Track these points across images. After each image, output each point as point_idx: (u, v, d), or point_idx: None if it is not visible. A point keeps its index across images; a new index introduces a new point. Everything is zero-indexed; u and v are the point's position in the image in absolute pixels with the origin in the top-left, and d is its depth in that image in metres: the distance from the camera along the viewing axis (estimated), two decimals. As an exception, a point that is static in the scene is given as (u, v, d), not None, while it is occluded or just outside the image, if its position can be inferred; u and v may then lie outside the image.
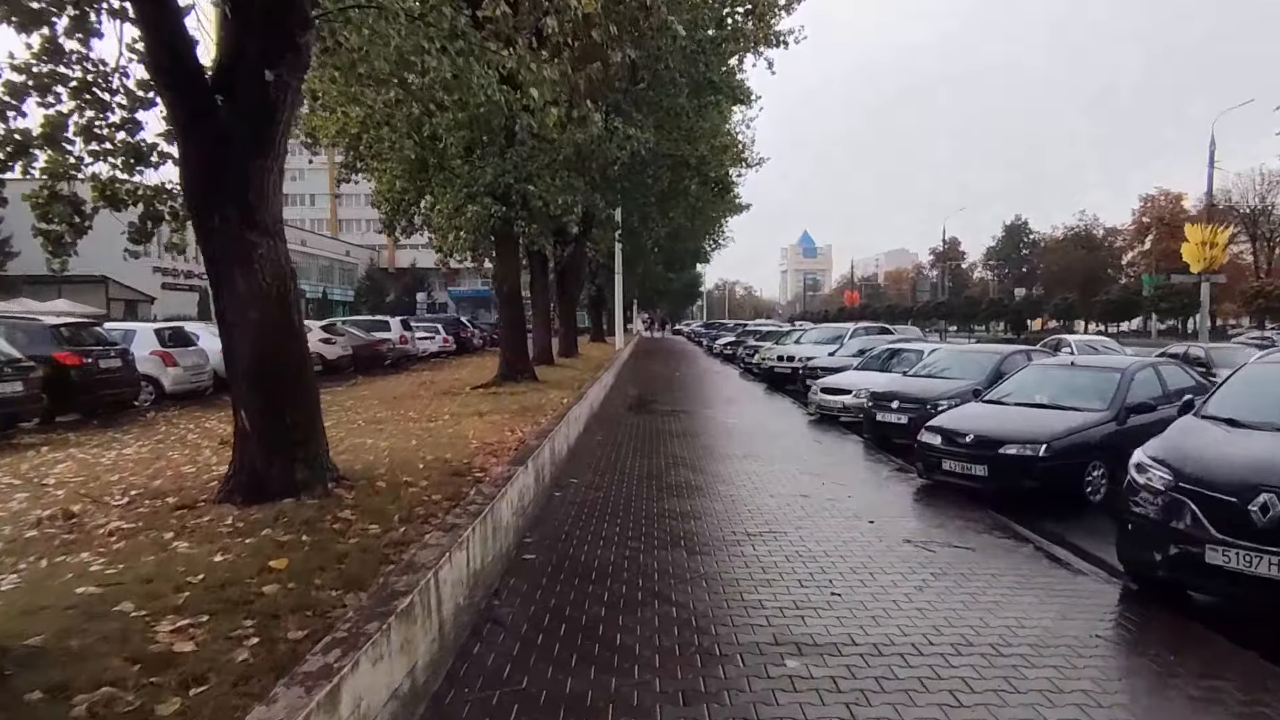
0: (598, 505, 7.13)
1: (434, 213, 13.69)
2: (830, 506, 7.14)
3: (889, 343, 17.83)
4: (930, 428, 8.15)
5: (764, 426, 12.93)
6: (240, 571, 3.89)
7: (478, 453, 7.44)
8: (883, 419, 10.92)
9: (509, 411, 10.70)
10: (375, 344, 23.00)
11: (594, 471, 8.76)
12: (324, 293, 75.89)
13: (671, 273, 53.70)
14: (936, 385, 11.03)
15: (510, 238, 14.65)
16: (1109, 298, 48.29)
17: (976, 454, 7.52)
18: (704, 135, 21.97)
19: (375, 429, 9.34)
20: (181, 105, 5.21)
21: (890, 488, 8.08)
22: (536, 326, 20.67)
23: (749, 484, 8.15)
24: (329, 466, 5.71)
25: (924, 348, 14.49)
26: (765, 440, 11.36)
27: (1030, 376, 8.98)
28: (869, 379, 13.55)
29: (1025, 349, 12.33)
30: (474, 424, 9.51)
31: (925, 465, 8.09)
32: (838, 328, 23.33)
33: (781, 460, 9.62)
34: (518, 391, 13.50)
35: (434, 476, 6.23)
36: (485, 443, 7.99)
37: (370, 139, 13.92)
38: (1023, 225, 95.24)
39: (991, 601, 4.69)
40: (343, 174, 15.87)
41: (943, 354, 12.59)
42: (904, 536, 6.14)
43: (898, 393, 11.03)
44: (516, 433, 8.84)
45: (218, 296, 5.37)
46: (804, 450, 10.55)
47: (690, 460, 9.60)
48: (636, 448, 10.45)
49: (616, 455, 9.83)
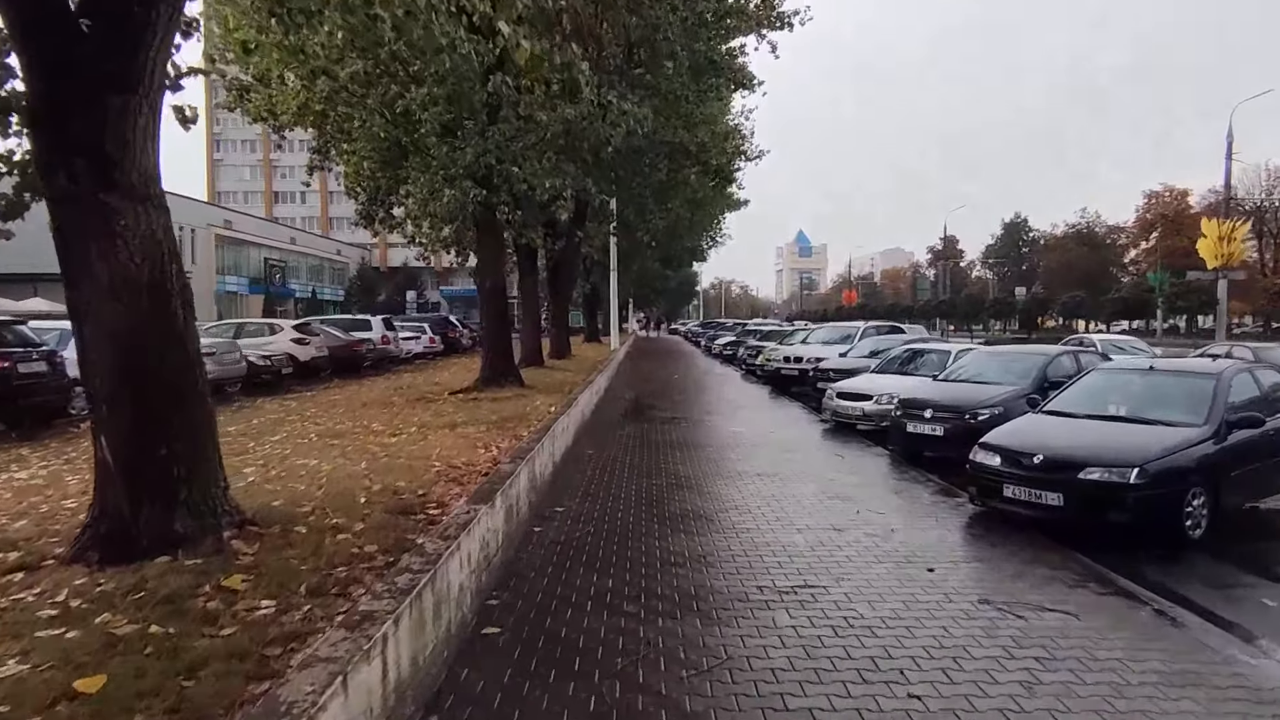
0: (585, 545, 5.75)
1: (408, 199, 12.28)
2: (873, 546, 5.78)
3: (905, 342, 16.51)
4: (987, 445, 6.80)
5: (774, 436, 11.57)
6: (20, 702, 2.51)
7: (438, 479, 6.06)
8: (914, 430, 9.57)
9: (486, 423, 9.31)
10: (353, 345, 21.59)
11: (583, 496, 7.38)
12: (313, 292, 74.41)
13: (669, 270, 52.33)
14: (975, 392, 9.69)
15: (493, 227, 13.26)
16: (1120, 295, 46.95)
17: (1048, 479, 6.16)
18: (704, 121, 20.63)
19: (326, 445, 7.96)
20: (15, 8, 3.81)
21: (938, 517, 6.72)
22: (525, 326, 19.29)
23: (768, 513, 6.78)
24: (227, 509, 4.31)
25: (949, 348, 13.16)
26: (778, 453, 10.00)
27: (1098, 383, 7.63)
28: (891, 383, 12.21)
29: (1072, 350, 10.99)
30: (443, 439, 8.13)
31: (980, 490, 6.73)
32: (846, 326, 21.98)
33: (801, 479, 8.26)
34: (500, 398, 12.12)
35: (374, 516, 4.85)
36: (451, 465, 6.61)
37: (338, 117, 12.55)
38: (1022, 223, 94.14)
39: (1139, 711, 3.33)
40: (315, 160, 14.48)
41: (977, 356, 11.23)
42: (979, 593, 4.77)
43: (931, 400, 9.68)
44: (491, 450, 7.47)
45: (68, 283, 3.99)
46: (824, 466, 9.19)
47: (695, 480, 8.24)
48: (633, 464, 9.09)
49: (609, 474, 8.46)
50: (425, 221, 11.98)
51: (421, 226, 12.42)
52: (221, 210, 67.81)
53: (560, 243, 21.61)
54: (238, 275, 64.91)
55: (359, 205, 15.47)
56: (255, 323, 20.67)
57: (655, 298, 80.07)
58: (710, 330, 45.98)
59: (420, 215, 11.91)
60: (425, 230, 12.29)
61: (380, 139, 11.92)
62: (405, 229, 13.46)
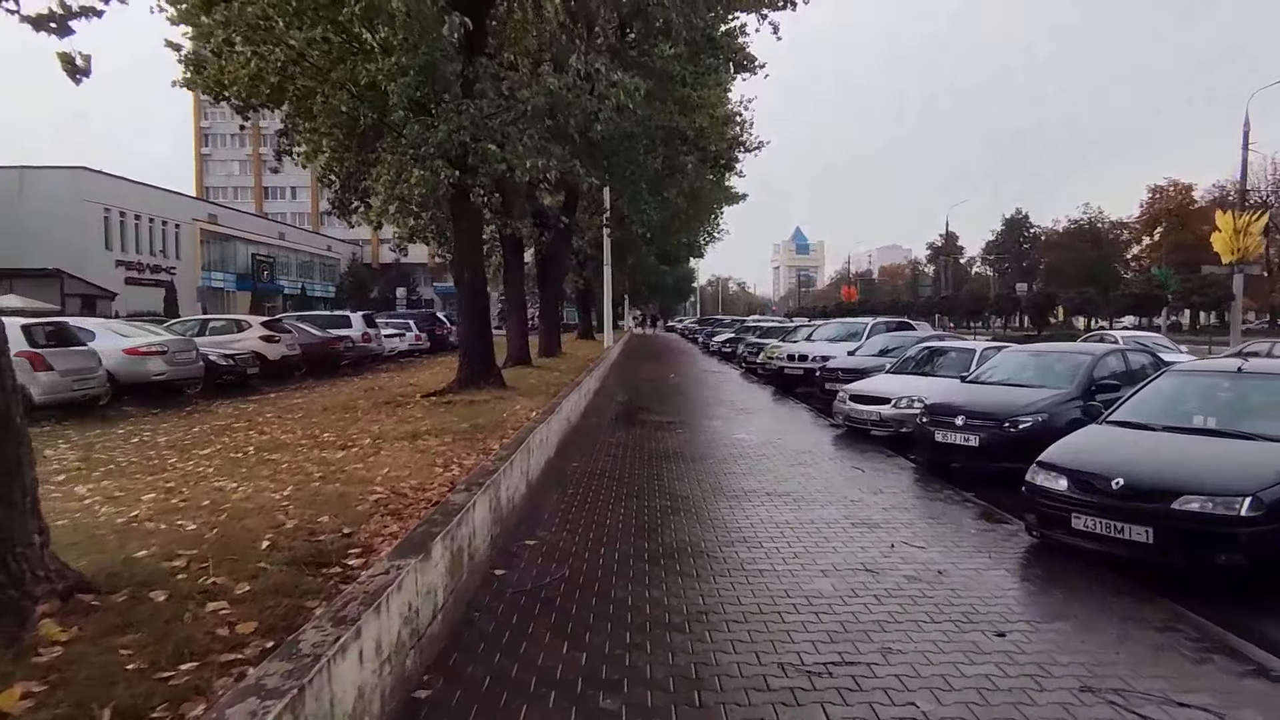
0: (557, 598, 4.54)
1: (376, 182, 11.03)
2: (920, 596, 4.59)
3: (918, 340, 15.33)
4: (1049, 465, 5.60)
5: (782, 444, 10.37)
6: None
7: (375, 511, 4.85)
8: (944, 439, 8.38)
9: (454, 433, 8.11)
10: (330, 342, 20.34)
11: (560, 524, 6.17)
12: (303, 288, 73.01)
13: (665, 265, 51.08)
14: (1012, 396, 8.50)
15: (471, 214, 12.04)
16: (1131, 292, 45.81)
17: (1132, 509, 4.97)
18: (702, 105, 19.40)
19: (260, 462, 6.75)
20: None
21: (991, 553, 5.52)
22: (511, 323, 18.06)
23: (783, 546, 5.59)
24: (41, 574, 3.10)
25: (973, 346, 11.99)
26: (788, 465, 8.81)
27: (1176, 389, 6.44)
28: (911, 385, 11.04)
29: (1120, 349, 9.80)
30: (398, 454, 6.92)
31: (1040, 519, 5.54)
32: (852, 323, 20.78)
33: (818, 500, 7.07)
34: (478, 401, 10.91)
35: (272, 571, 3.65)
36: (396, 491, 5.41)
37: (297, 91, 11.30)
38: (1023, 219, 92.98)
39: None
40: (282, 143, 13.20)
41: (1010, 356, 10.03)
42: (1076, 675, 3.57)
43: (962, 406, 8.49)
44: (451, 470, 6.27)
45: None
46: (842, 482, 7.99)
47: (695, 502, 7.04)
48: (622, 480, 7.88)
49: (595, 494, 7.25)
50: (393, 206, 10.76)
51: (388, 211, 11.19)
52: (207, 205, 66.38)
53: (550, 235, 20.39)
54: (224, 271, 63.52)
55: (332, 193, 14.24)
56: (221, 319, 19.43)
57: (652, 294, 78.87)
58: (707, 327, 44.81)
59: (387, 199, 10.68)
60: (393, 216, 11.05)
61: (342, 115, 10.66)
62: (371, 217, 12.19)
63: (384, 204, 10.73)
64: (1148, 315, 53.72)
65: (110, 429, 9.53)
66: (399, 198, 10.49)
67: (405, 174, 10.33)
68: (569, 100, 10.54)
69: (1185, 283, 43.35)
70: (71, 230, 46.35)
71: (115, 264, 50.06)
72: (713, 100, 21.19)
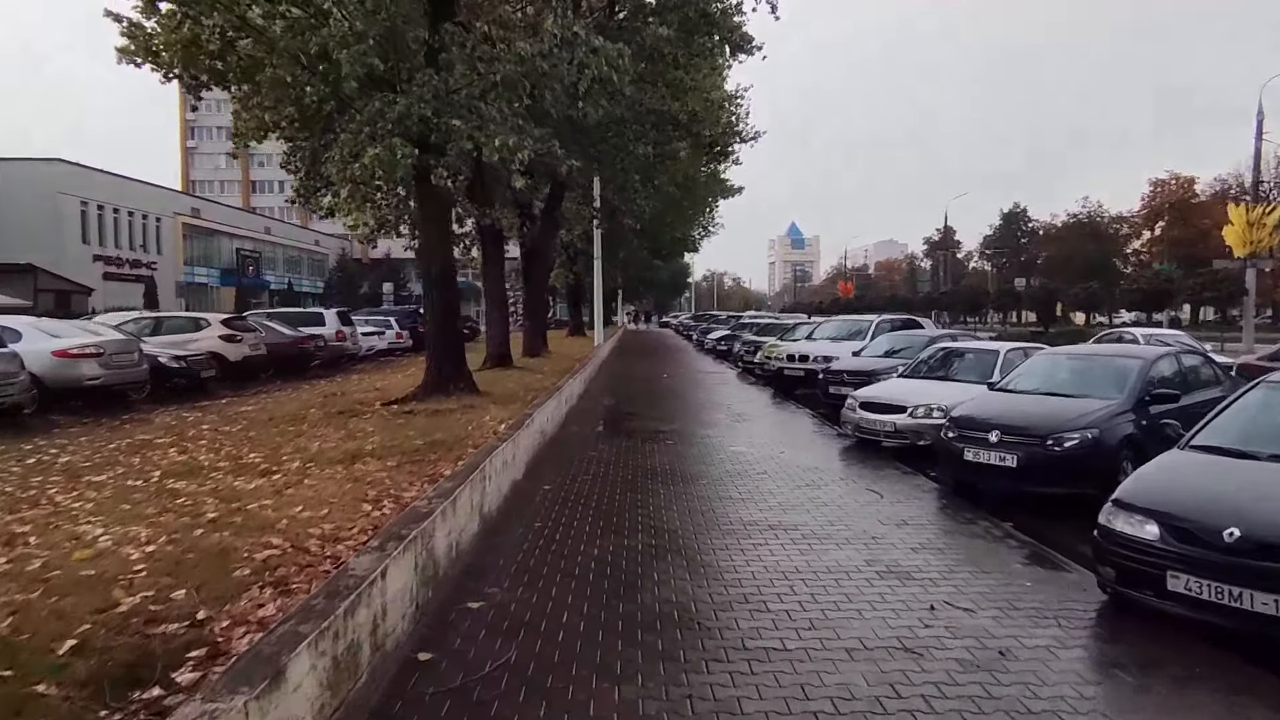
0: (494, 707, 3.34)
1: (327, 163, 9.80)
2: (982, 695, 3.41)
3: (929, 340, 14.15)
4: (1130, 506, 4.42)
5: (785, 459, 9.20)
6: None
7: (257, 578, 3.65)
8: (974, 459, 7.21)
9: (404, 452, 6.90)
10: (300, 341, 19.05)
11: (516, 577, 4.97)
12: (289, 284, 71.54)
13: (658, 260, 49.85)
14: (1055, 409, 7.32)
15: (438, 200, 10.81)
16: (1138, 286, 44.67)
17: (1255, 569, 3.80)
18: (695, 89, 18.18)
19: (155, 495, 5.54)
20: None
21: (1061, 620, 4.32)
22: (490, 320, 16.83)
23: (796, 610, 4.40)
24: None
25: (996, 348, 10.82)
26: (792, 487, 7.64)
27: (1268, 402, 5.25)
28: (928, 391, 9.89)
29: (1173, 351, 8.62)
30: (325, 483, 5.72)
31: (1122, 575, 4.36)
32: (856, 321, 19.61)
33: (833, 536, 5.90)
34: (443, 410, 9.70)
35: (51, 698, 2.44)
36: (298, 544, 4.20)
37: (239, 60, 10.05)
38: (1021, 213, 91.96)
39: None
40: (242, 122, 11.86)
41: (1043, 360, 8.82)
42: None
43: (994, 419, 7.31)
44: (383, 506, 5.07)
45: None
46: (859, 510, 6.81)
47: (684, 538, 5.85)
48: (600, 509, 6.69)
49: (565, 529, 6.06)
50: (344, 190, 9.52)
51: (340, 196, 9.95)
52: (190, 198, 64.83)
53: (535, 226, 19.16)
54: (208, 266, 62.06)
55: (296, 180, 12.95)
56: (178, 317, 18.13)
57: (646, 290, 77.70)
58: (702, 324, 43.62)
59: (340, 183, 9.46)
60: (345, 202, 9.82)
61: (287, 87, 9.42)
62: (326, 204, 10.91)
63: (337, 189, 9.49)
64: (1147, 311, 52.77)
65: (16, 444, 8.29)
66: (352, 180, 9.25)
67: (360, 153, 9.10)
68: (544, 71, 9.32)
69: (1197, 277, 42.16)
70: (46, 224, 44.96)
71: (93, 258, 48.63)
72: (707, 85, 20.00)
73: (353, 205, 9.83)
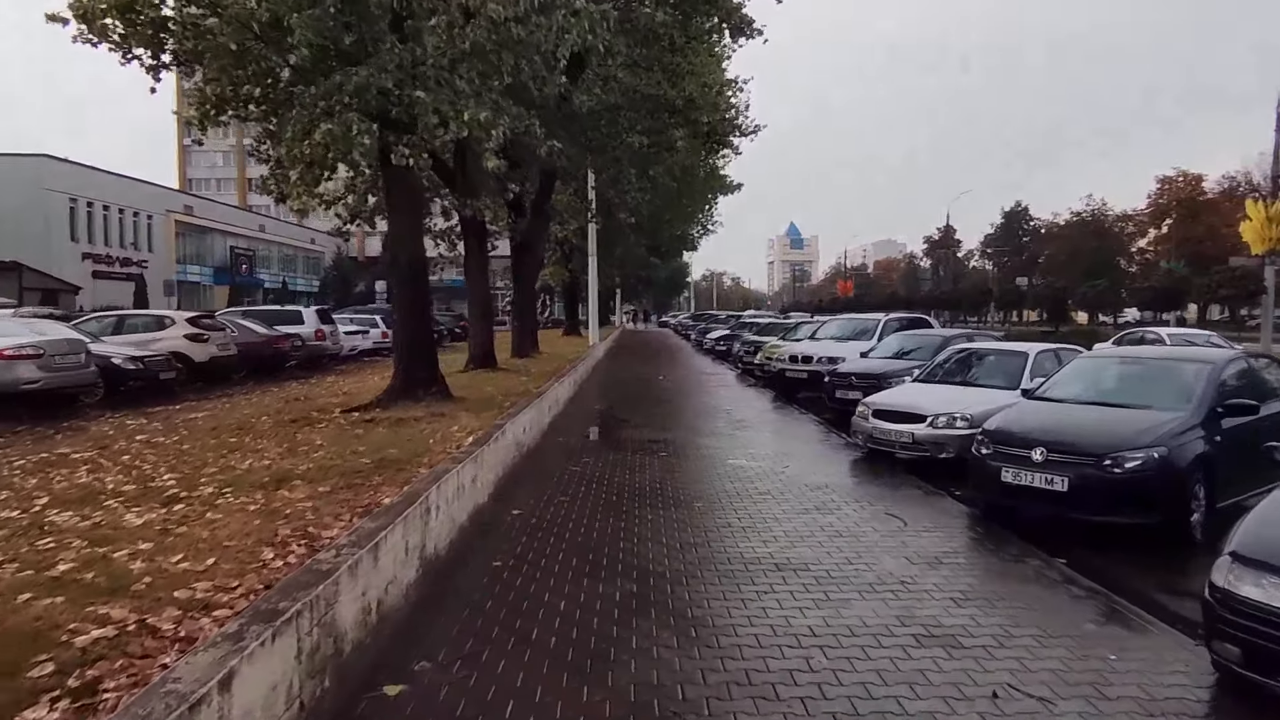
0: None
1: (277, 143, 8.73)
2: None
3: (943, 340, 13.11)
4: (1254, 562, 3.35)
5: (790, 474, 8.15)
6: None
7: (49, 689, 2.57)
8: (1014, 480, 6.16)
9: (342, 473, 5.84)
10: (274, 341, 17.99)
11: (460, 640, 3.91)
12: (284, 282, 70.43)
13: (655, 257, 48.75)
14: (1110, 422, 6.26)
15: (407, 186, 9.74)
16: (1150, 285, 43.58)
17: None
18: (692, 73, 17.12)
19: (23, 530, 4.48)
20: None
21: (1168, 715, 3.28)
22: (474, 319, 15.77)
23: (814, 699, 3.35)
24: None
25: (1025, 349, 9.75)
26: (802, 511, 6.59)
27: None
28: (949, 399, 8.87)
29: (1241, 354, 7.57)
30: (232, 516, 4.66)
31: (1249, 655, 3.28)
32: (862, 320, 18.54)
33: (852, 580, 4.85)
34: (407, 419, 8.63)
35: None
36: (147, 620, 3.12)
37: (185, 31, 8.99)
38: (1022, 211, 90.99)
39: None
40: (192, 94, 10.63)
41: (1088, 364, 7.75)
42: None
43: (1038, 434, 6.26)
44: (292, 551, 4.01)
45: None
46: (880, 541, 5.76)
47: (675, 585, 4.80)
48: (575, 542, 5.64)
49: (529, 571, 5.01)
50: (295, 171, 8.45)
51: (289, 178, 8.88)
52: (183, 195, 63.73)
53: (524, 220, 18.08)
54: (201, 264, 60.97)
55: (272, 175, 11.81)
56: (142, 315, 17.05)
57: (644, 289, 76.63)
58: (701, 323, 42.57)
59: (290, 164, 8.40)
60: (295, 185, 8.74)
61: (234, 55, 8.35)
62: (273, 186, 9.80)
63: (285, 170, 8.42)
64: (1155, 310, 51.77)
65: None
66: (304, 161, 8.17)
67: (311, 129, 8.03)
68: (519, 38, 8.25)
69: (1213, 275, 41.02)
70: (33, 221, 43.88)
71: (82, 256, 47.59)
72: (704, 69, 18.94)
73: (301, 189, 8.75)
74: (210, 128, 9.85)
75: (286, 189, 9.06)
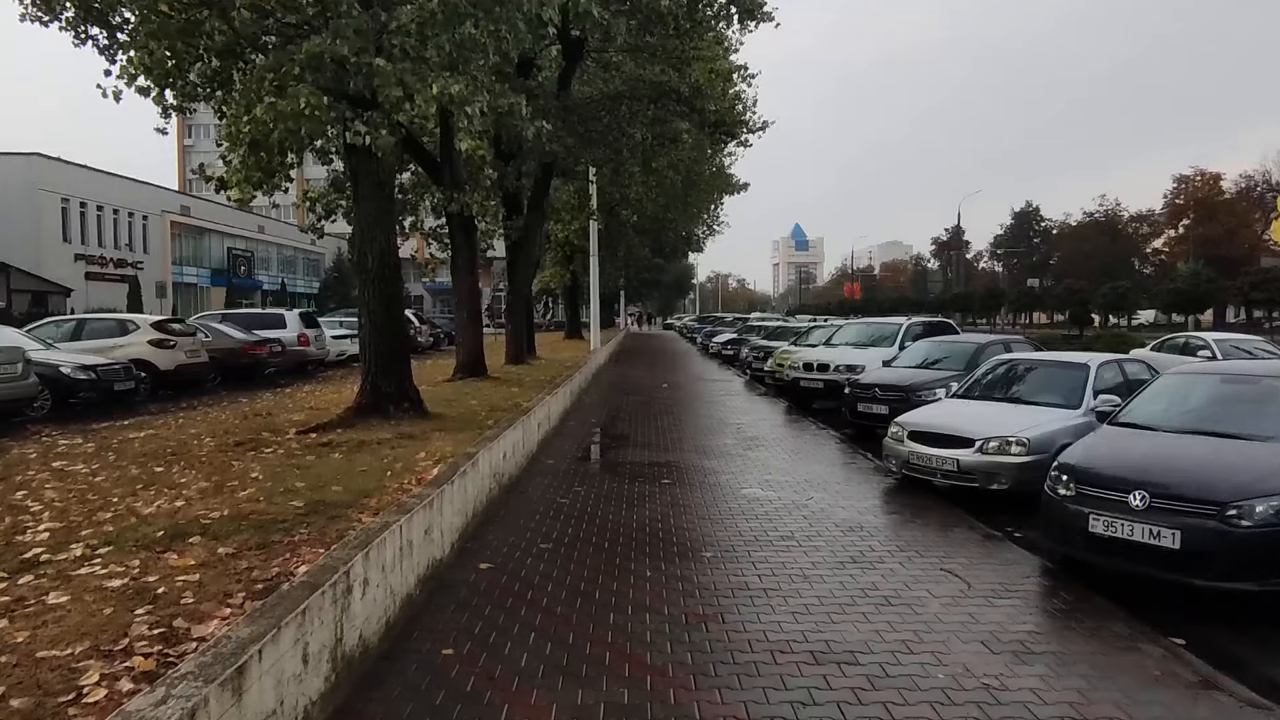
0: None
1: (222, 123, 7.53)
2: None
3: (978, 348, 11.85)
4: None
5: (815, 511, 6.91)
6: None
7: None
8: (1105, 531, 4.91)
9: (259, 524, 4.61)
10: (251, 347, 16.82)
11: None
12: (283, 284, 69.38)
13: (659, 258, 47.50)
14: (1233, 457, 4.99)
15: (374, 174, 8.54)
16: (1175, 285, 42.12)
17: None
18: (698, 58, 15.93)
19: None
20: None
21: None
22: (461, 322, 14.57)
23: None
24: None
25: (1085, 360, 8.47)
26: (836, 565, 5.35)
27: None
28: (999, 419, 7.64)
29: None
30: (82, 596, 3.44)
31: None
32: (880, 324, 17.25)
33: (920, 687, 3.61)
34: (369, 441, 7.42)
35: None
36: None
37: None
38: (1033, 212, 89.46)
39: None
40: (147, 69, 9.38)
41: (1181, 381, 6.43)
42: None
43: (1133, 472, 5.00)
44: (124, 672, 2.77)
45: None
46: (945, 617, 4.52)
47: (680, 690, 3.57)
48: (552, 614, 4.41)
49: (485, 668, 3.78)
50: (236, 155, 7.26)
51: (232, 163, 7.68)
52: (179, 196, 62.66)
53: (520, 219, 16.88)
54: (198, 266, 59.94)
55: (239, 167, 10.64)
56: (104, 319, 15.86)
57: (649, 291, 75.47)
58: (707, 326, 41.33)
59: (232, 145, 7.22)
60: (237, 169, 7.55)
61: (169, 19, 7.16)
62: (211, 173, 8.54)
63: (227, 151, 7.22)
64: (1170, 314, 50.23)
65: None
66: (244, 142, 6.98)
67: (254, 105, 6.84)
68: (498, 5, 7.05)
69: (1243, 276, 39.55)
70: (24, 221, 42.86)
71: (74, 257, 46.54)
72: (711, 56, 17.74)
73: (241, 175, 7.55)
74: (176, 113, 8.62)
75: (227, 175, 7.84)
